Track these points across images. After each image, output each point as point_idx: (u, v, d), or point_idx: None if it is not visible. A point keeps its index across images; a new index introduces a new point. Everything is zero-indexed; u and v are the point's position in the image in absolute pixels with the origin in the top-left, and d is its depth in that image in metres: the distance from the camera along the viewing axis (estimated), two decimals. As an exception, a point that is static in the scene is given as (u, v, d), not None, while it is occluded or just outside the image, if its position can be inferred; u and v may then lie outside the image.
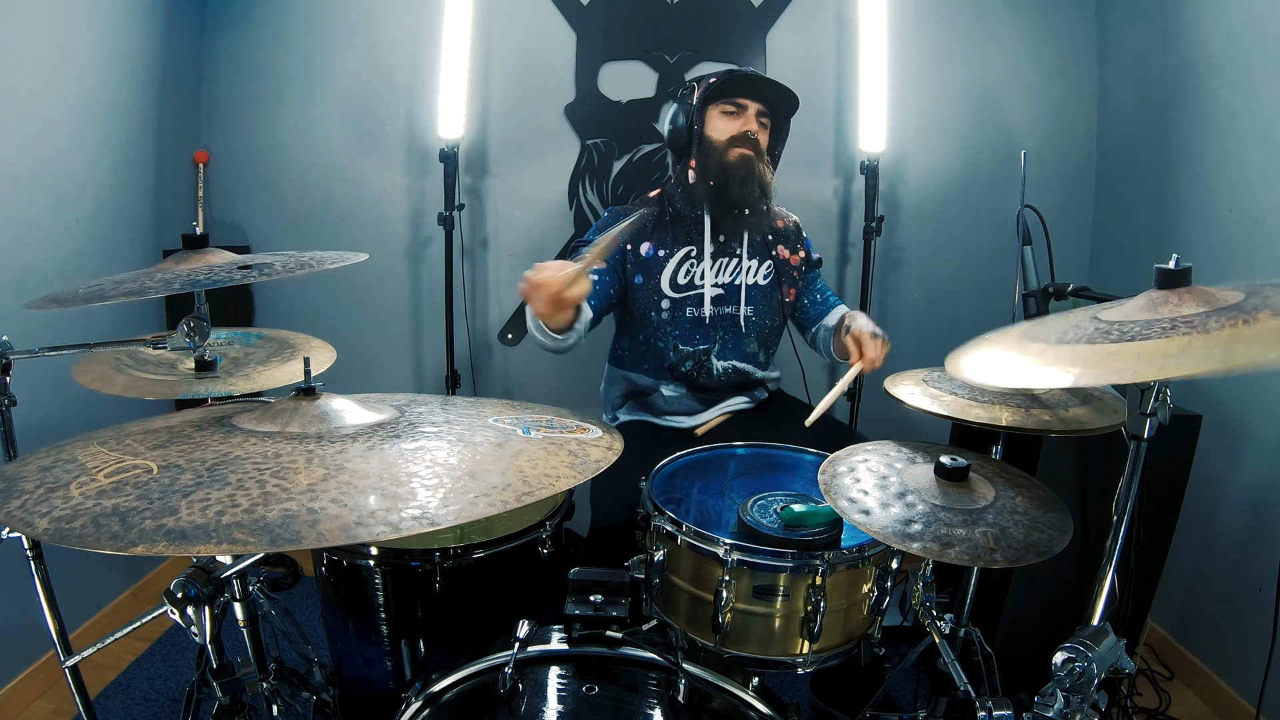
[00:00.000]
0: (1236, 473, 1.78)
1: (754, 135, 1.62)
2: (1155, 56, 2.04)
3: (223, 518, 0.59)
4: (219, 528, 0.58)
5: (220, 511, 0.60)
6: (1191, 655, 1.89)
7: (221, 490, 0.63)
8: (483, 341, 2.42)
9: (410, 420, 0.85)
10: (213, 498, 0.62)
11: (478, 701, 0.92)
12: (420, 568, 1.22)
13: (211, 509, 0.60)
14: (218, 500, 0.62)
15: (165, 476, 0.66)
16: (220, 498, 0.62)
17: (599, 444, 0.84)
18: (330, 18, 2.23)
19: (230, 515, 0.60)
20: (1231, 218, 1.79)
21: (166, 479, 0.65)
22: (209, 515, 0.60)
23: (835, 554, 1.10)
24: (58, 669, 1.24)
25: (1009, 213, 1.90)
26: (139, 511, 0.60)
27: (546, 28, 2.23)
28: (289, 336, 1.46)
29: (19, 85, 1.64)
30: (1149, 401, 0.93)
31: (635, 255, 1.68)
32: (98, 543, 0.57)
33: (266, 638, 0.97)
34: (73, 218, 1.83)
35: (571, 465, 0.77)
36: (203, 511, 0.60)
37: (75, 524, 0.59)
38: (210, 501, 0.61)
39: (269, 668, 0.94)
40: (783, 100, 1.65)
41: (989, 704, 0.97)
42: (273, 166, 2.31)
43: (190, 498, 0.62)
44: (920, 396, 1.24)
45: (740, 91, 1.63)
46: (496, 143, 2.30)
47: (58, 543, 0.58)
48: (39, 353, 1.05)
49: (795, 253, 1.79)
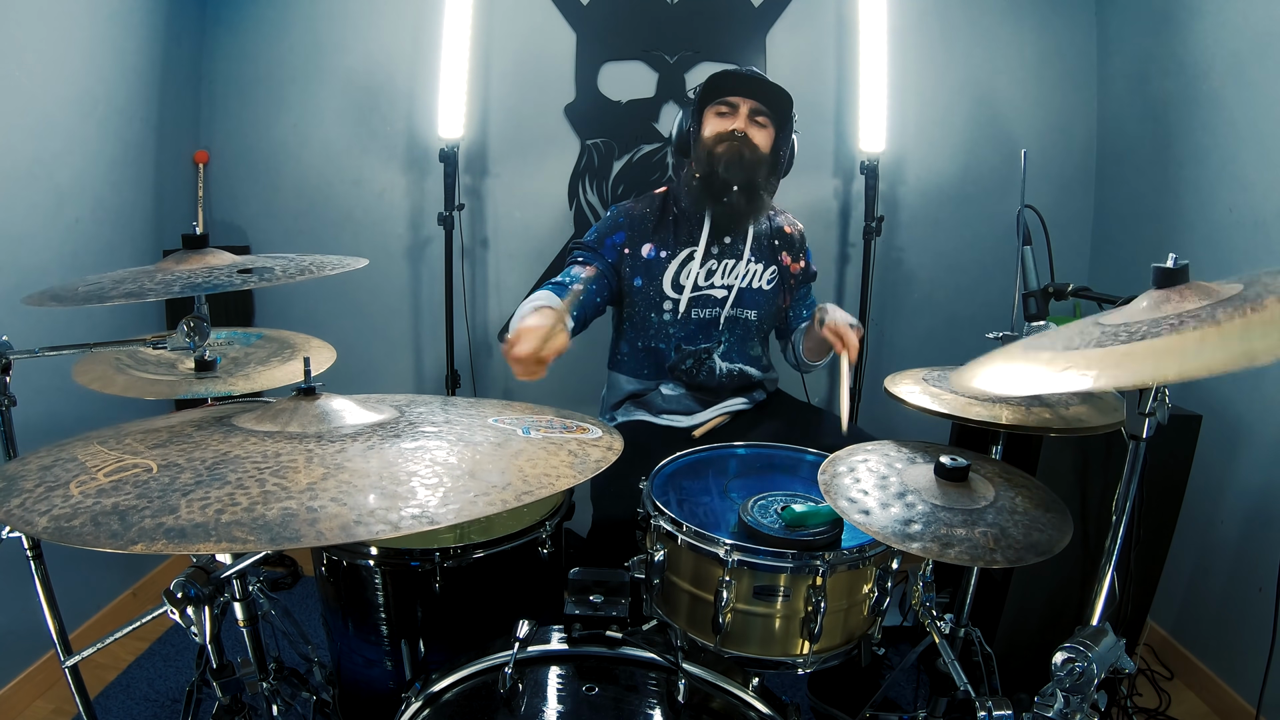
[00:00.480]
0: (1236, 473, 1.78)
1: (742, 133, 1.61)
2: (1155, 57, 2.04)
3: (222, 516, 0.59)
4: (218, 526, 0.58)
5: (220, 510, 0.60)
6: (1191, 655, 1.89)
7: (221, 489, 0.63)
8: (483, 341, 2.42)
9: (410, 420, 0.85)
10: (212, 496, 0.62)
11: (478, 701, 0.92)
12: (420, 568, 1.22)
13: (211, 508, 0.60)
14: (217, 499, 0.62)
15: (165, 475, 0.66)
16: (220, 496, 0.62)
17: (599, 444, 0.84)
18: (330, 18, 2.23)
19: (230, 514, 0.60)
20: (1232, 218, 1.79)
21: (166, 478, 0.65)
22: (208, 514, 0.60)
23: (836, 554, 1.10)
24: (58, 669, 1.24)
25: (1009, 213, 1.89)
26: (138, 510, 0.60)
27: (546, 28, 2.23)
28: (289, 336, 1.46)
29: (19, 85, 1.64)
30: (1148, 401, 0.93)
31: (635, 258, 1.68)
32: (97, 541, 0.57)
33: (266, 638, 0.98)
34: (73, 218, 1.83)
35: (571, 465, 0.77)
36: (202, 510, 0.60)
37: (75, 522, 0.59)
38: (210, 500, 0.61)
39: (269, 668, 0.94)
40: (776, 97, 1.64)
41: (989, 704, 0.97)
42: (273, 166, 2.31)
43: (190, 496, 0.62)
44: (920, 395, 1.24)
45: (730, 90, 1.63)
46: (496, 143, 2.30)
47: (57, 541, 0.58)
48: (39, 353, 1.05)
49: (796, 261, 1.79)
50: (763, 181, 1.64)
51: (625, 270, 1.68)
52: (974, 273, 2.36)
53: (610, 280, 1.68)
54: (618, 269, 1.68)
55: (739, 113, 1.63)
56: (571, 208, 2.32)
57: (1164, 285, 0.88)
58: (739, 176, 1.61)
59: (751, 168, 1.61)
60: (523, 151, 2.31)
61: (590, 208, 2.32)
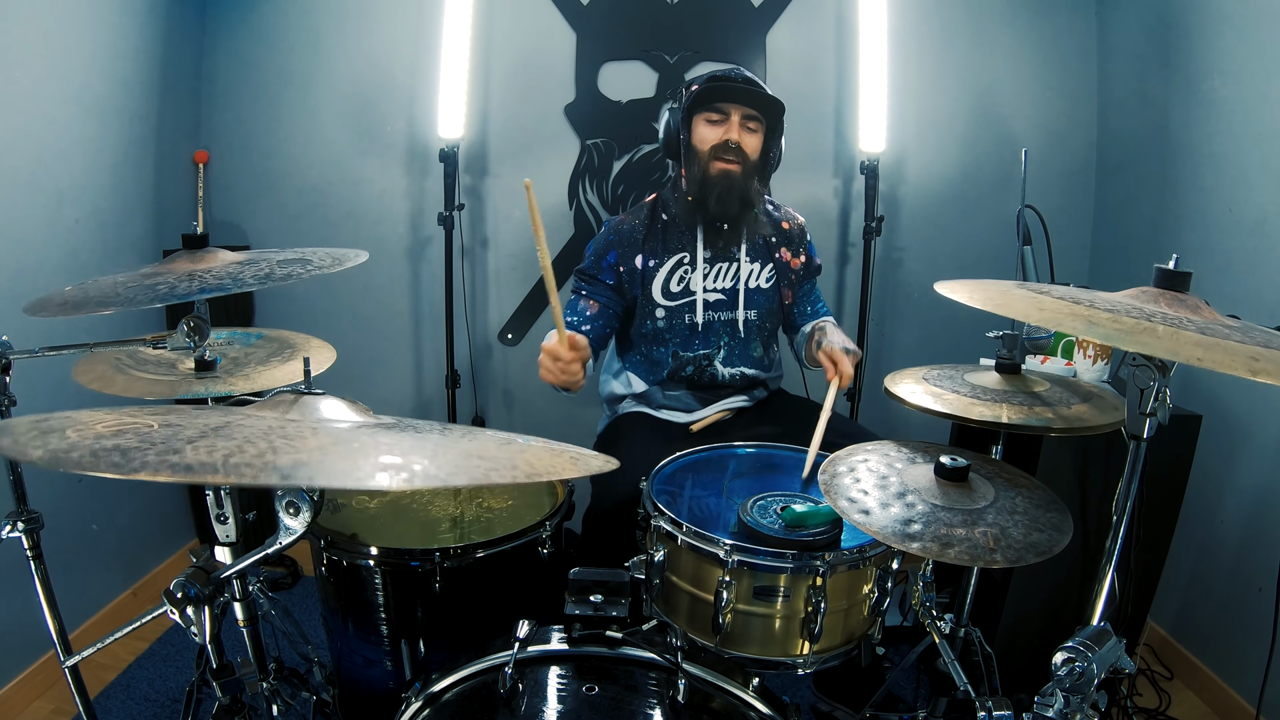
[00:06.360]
0: (1236, 473, 1.78)
1: (735, 143, 1.59)
2: (1155, 56, 2.04)
3: (230, 459, 0.56)
4: (225, 464, 0.55)
5: (228, 454, 0.57)
6: (1191, 655, 1.89)
7: (228, 442, 0.60)
8: (483, 341, 2.42)
9: (411, 424, 0.85)
10: (218, 445, 0.59)
11: (478, 701, 0.92)
12: (420, 568, 1.22)
13: (219, 453, 0.57)
14: (223, 448, 0.58)
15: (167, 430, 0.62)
16: (227, 447, 0.59)
17: (597, 457, 0.84)
18: (330, 18, 2.23)
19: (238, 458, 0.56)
20: (1231, 218, 1.79)
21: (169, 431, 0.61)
22: (215, 456, 0.56)
23: (836, 554, 1.10)
24: (58, 669, 1.24)
25: (1009, 213, 1.90)
26: (141, 450, 0.56)
27: (546, 28, 2.23)
28: (289, 336, 1.46)
29: (19, 85, 1.64)
30: (1149, 401, 0.93)
31: (630, 271, 1.67)
32: (96, 468, 0.53)
33: (266, 638, 0.98)
34: (73, 218, 1.83)
35: (573, 463, 0.77)
36: (209, 454, 0.57)
37: (73, 454, 0.55)
38: (216, 448, 0.58)
39: (269, 668, 0.94)
40: (767, 101, 1.61)
41: (989, 704, 0.97)
42: (273, 166, 2.31)
43: (195, 444, 0.58)
44: (922, 395, 1.24)
45: (722, 98, 1.60)
46: (496, 143, 2.30)
47: (53, 468, 0.55)
48: (39, 353, 1.05)
49: (797, 256, 1.78)
50: (754, 193, 1.64)
51: (625, 285, 1.67)
52: (974, 273, 2.33)
53: (615, 303, 1.68)
54: (618, 288, 1.68)
55: (731, 120, 1.60)
56: (571, 208, 2.32)
57: (1163, 286, 0.89)
58: (734, 208, 1.62)
59: (744, 187, 1.61)
60: (523, 151, 2.31)
61: (590, 208, 2.32)
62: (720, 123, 1.61)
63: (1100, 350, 1.65)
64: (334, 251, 1.11)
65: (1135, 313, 0.86)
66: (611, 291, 1.67)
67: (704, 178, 1.60)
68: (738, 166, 1.59)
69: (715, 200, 1.60)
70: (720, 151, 1.59)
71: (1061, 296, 0.94)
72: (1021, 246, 1.80)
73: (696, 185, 1.61)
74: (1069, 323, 0.85)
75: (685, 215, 1.66)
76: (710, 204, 1.61)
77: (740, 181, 1.60)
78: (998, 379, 1.27)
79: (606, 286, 1.67)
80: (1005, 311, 0.93)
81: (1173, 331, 0.81)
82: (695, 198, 1.62)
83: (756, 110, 1.61)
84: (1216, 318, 0.89)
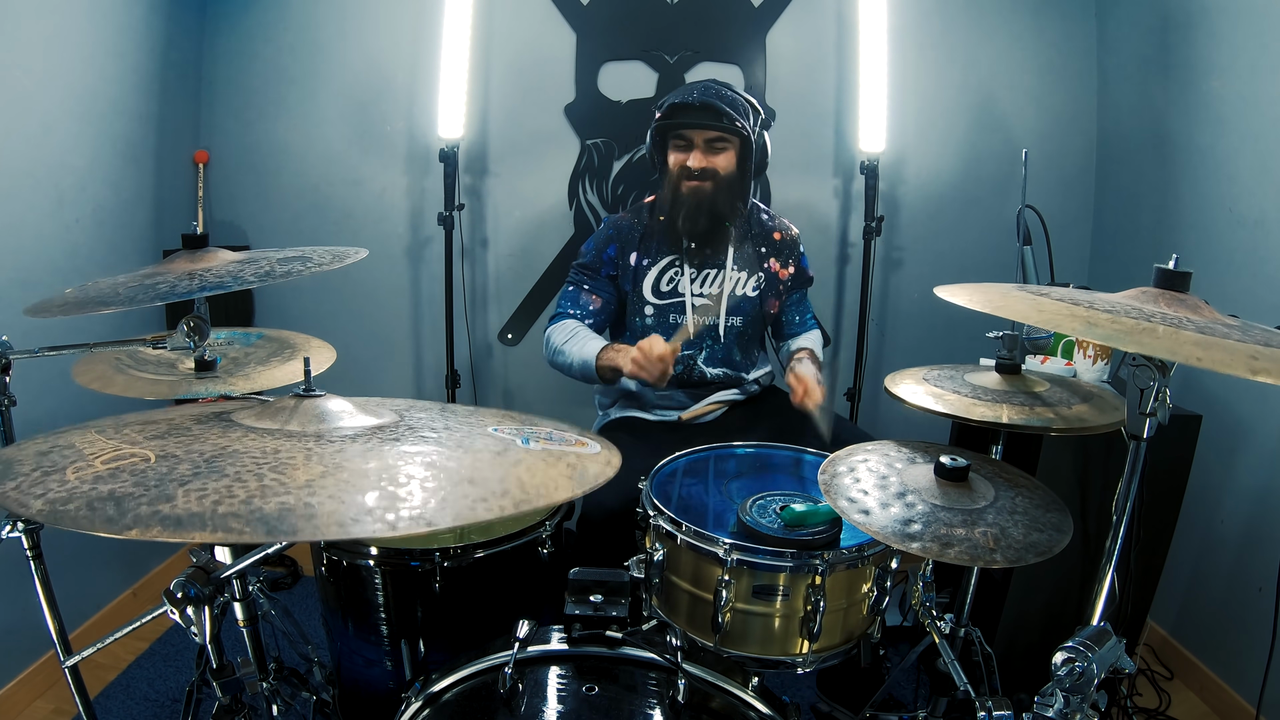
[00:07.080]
0: (1236, 473, 1.78)
1: (697, 170, 1.60)
2: (1155, 56, 2.04)
3: (219, 507, 0.59)
4: (214, 516, 0.58)
5: (216, 501, 0.60)
6: (1191, 655, 1.89)
7: (219, 481, 0.63)
8: (483, 341, 2.42)
9: (409, 425, 0.85)
10: (209, 488, 0.62)
11: (478, 701, 0.92)
12: (420, 568, 1.22)
13: (208, 498, 0.60)
14: (214, 491, 0.62)
15: (162, 466, 0.66)
16: (217, 488, 0.62)
17: (597, 459, 0.84)
18: (330, 18, 2.23)
19: (226, 506, 0.60)
20: (1232, 218, 1.79)
21: (164, 468, 0.65)
22: (205, 504, 0.60)
23: (835, 554, 1.10)
24: (58, 669, 1.24)
25: (1009, 213, 1.90)
26: (135, 497, 0.60)
27: (546, 28, 2.23)
28: (289, 336, 1.46)
29: (19, 85, 1.64)
30: (1148, 401, 0.93)
31: (626, 267, 1.71)
32: (92, 525, 0.57)
33: (266, 638, 0.97)
34: (73, 218, 1.83)
35: (569, 478, 0.77)
36: (199, 500, 0.60)
37: (70, 506, 0.59)
38: (207, 491, 0.61)
39: (269, 668, 0.94)
40: (731, 120, 1.57)
41: (989, 704, 0.97)
42: (273, 166, 2.31)
43: (187, 487, 0.62)
44: (923, 395, 1.24)
45: (681, 126, 1.61)
46: (496, 143, 2.30)
47: (52, 524, 0.58)
48: (39, 353, 1.05)
49: (786, 267, 1.80)
50: (730, 205, 1.66)
51: (620, 279, 1.72)
52: (974, 273, 2.35)
53: (612, 298, 1.73)
54: (616, 281, 1.73)
55: (695, 147, 1.61)
56: (571, 208, 2.32)
57: (1163, 286, 0.89)
58: (703, 224, 1.65)
59: (714, 203, 1.63)
60: (523, 151, 2.31)
61: (590, 208, 2.32)
62: (685, 147, 1.63)
63: (1100, 350, 1.65)
64: (334, 249, 1.11)
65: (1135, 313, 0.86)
66: (611, 285, 1.72)
67: (674, 197, 1.65)
68: (709, 184, 1.62)
69: (684, 218, 1.65)
70: (687, 175, 1.62)
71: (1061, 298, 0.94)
72: (1021, 246, 1.80)
73: (667, 205, 1.67)
74: (1069, 324, 0.85)
75: (673, 221, 1.69)
76: (680, 221, 1.65)
77: (710, 198, 1.63)
78: (998, 379, 1.27)
79: (607, 280, 1.72)
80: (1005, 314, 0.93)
81: (1172, 331, 0.81)
82: (669, 217, 1.67)
83: (724, 130, 1.60)
84: (1216, 317, 0.89)
